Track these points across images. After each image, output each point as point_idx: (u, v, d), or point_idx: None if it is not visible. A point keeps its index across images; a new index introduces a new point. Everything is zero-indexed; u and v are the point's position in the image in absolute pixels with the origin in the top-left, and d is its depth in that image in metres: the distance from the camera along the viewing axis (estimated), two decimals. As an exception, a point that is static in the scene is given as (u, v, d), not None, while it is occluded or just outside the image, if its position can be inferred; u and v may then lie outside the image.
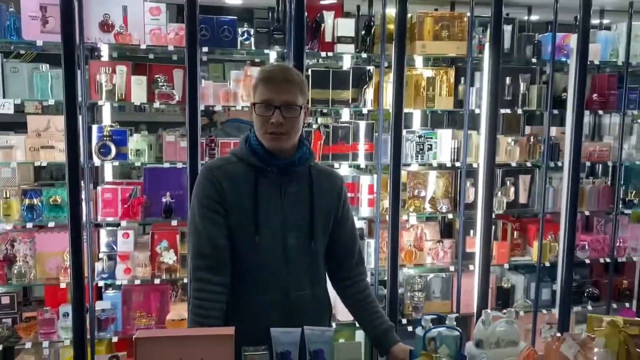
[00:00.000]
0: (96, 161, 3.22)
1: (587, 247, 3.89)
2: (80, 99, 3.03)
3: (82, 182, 3.05)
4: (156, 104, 3.27)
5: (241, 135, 1.97)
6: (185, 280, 3.25)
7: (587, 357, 1.78)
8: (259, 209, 1.83)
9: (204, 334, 1.71)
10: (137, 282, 3.29)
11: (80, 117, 3.03)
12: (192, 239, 1.87)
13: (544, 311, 3.88)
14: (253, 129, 1.87)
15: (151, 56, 3.48)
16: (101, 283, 3.30)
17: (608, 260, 3.95)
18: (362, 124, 3.59)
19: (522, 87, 3.69)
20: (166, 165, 3.27)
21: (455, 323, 1.93)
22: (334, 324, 3.48)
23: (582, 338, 1.83)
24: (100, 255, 3.29)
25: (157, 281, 3.31)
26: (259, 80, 1.83)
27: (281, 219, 1.85)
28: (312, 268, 1.92)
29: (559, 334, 1.87)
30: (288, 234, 1.86)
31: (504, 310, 1.99)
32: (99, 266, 3.25)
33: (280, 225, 1.85)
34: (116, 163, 3.35)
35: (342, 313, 3.52)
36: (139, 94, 3.24)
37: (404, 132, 3.61)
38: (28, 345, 3.19)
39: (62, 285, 3.19)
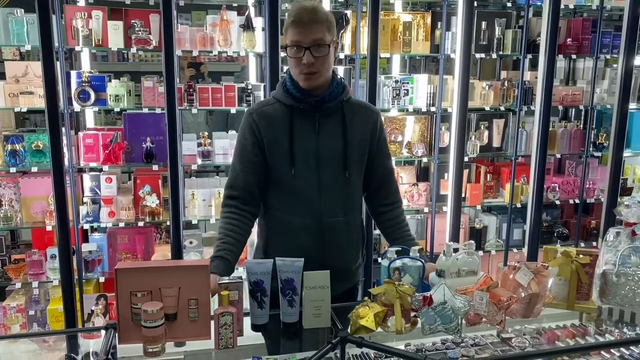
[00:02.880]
0: (76, 107, 3.26)
1: (558, 189, 4.03)
2: (57, 44, 3.04)
3: (62, 127, 3.10)
4: (134, 50, 3.26)
5: None
6: (168, 223, 3.36)
7: (540, 283, 1.93)
8: (294, 144, 1.99)
9: (180, 264, 1.82)
10: (122, 225, 3.39)
11: (58, 63, 3.05)
12: (230, 170, 2.09)
13: (515, 250, 4.06)
14: (289, 71, 2.01)
15: (127, 1, 3.45)
16: (86, 226, 3.40)
17: (578, 201, 4.10)
18: (340, 69, 3.62)
19: (498, 31, 3.73)
20: (145, 110, 3.31)
21: (418, 254, 2.06)
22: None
23: (536, 267, 1.96)
24: (85, 199, 3.37)
25: (140, 224, 3.41)
26: (288, 23, 1.91)
27: (315, 152, 2.00)
28: (345, 197, 2.07)
29: (516, 264, 2.00)
30: (322, 166, 2.01)
31: (465, 243, 2.12)
32: (83, 210, 3.33)
33: (314, 158, 2.00)
34: (96, 108, 3.39)
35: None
36: (115, 40, 3.24)
37: (381, 77, 3.67)
38: (18, 285, 3.33)
39: (48, 229, 3.28)
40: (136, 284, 1.69)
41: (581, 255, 2.04)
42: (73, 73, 3.26)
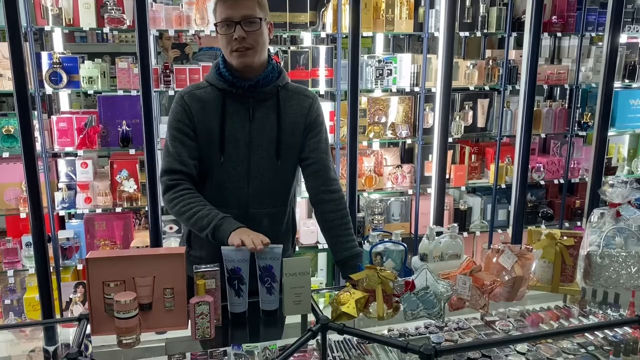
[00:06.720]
0: (48, 89, 3.14)
1: (542, 169, 4.01)
2: (24, 24, 2.91)
3: (34, 111, 2.99)
4: (107, 30, 3.16)
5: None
6: (147, 209, 3.28)
7: (523, 266, 1.89)
8: (225, 130, 1.92)
9: (154, 253, 1.76)
10: (99, 211, 3.31)
11: (27, 44, 2.93)
12: (164, 158, 1.96)
13: (500, 231, 4.04)
14: (222, 55, 1.93)
15: (99, -22, 3.33)
16: (62, 212, 3.31)
17: (562, 181, 4.08)
18: (322, 49, 3.53)
19: (482, 9, 3.65)
20: (120, 93, 3.21)
21: (400, 239, 2.02)
22: (297, 247, 3.58)
23: (520, 250, 1.93)
24: (60, 185, 3.27)
25: (118, 210, 3.33)
26: (216, 1, 1.86)
27: (248, 139, 1.93)
28: (275, 186, 2.00)
29: (499, 247, 1.96)
30: (253, 153, 1.94)
31: (448, 226, 2.07)
32: (58, 196, 3.24)
33: (246, 145, 1.93)
34: (69, 91, 3.27)
35: (305, 236, 3.63)
36: (87, 19, 3.12)
37: (364, 57, 3.59)
38: (-8, 274, 3.24)
39: (22, 216, 3.19)
40: (108, 273, 1.63)
41: (565, 237, 2.01)
42: (44, 54, 3.14)
